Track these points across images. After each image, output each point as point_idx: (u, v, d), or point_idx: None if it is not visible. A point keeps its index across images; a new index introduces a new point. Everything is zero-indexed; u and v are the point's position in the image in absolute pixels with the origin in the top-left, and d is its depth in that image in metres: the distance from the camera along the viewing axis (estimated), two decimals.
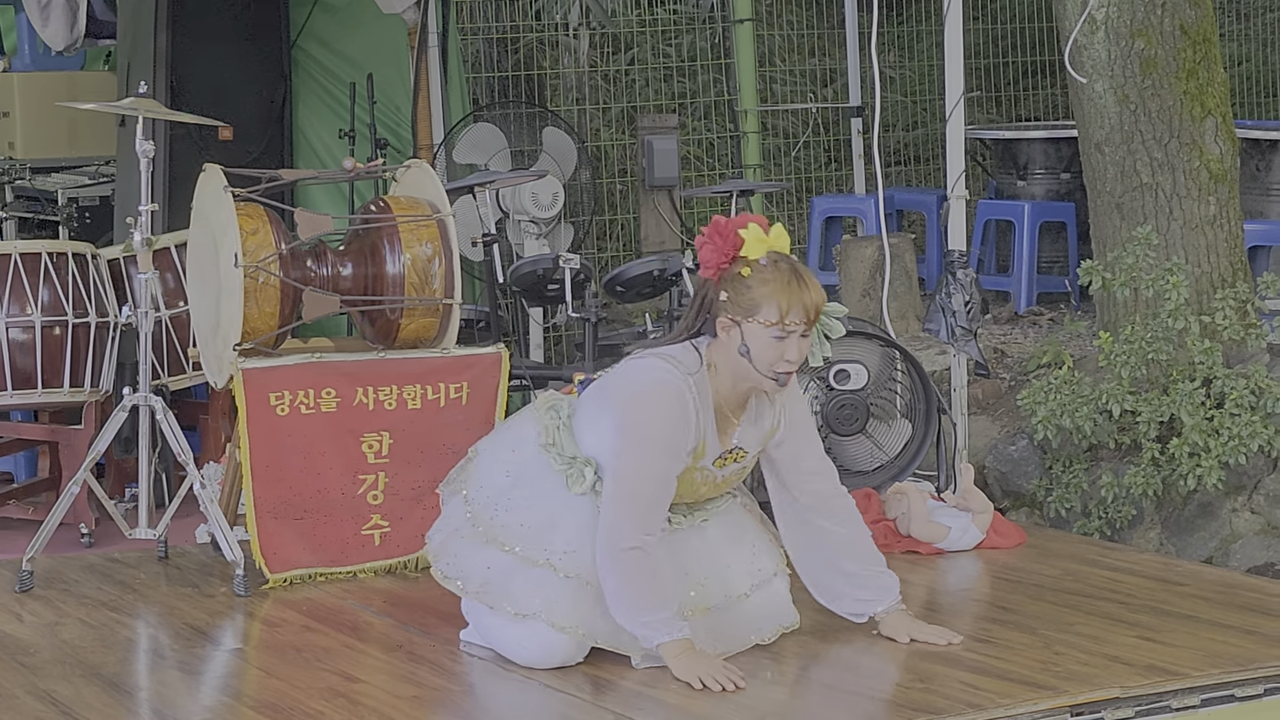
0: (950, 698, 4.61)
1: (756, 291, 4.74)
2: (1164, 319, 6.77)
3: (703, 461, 4.89)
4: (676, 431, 4.78)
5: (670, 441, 4.78)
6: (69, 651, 5.16)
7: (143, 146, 5.99)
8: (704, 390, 4.82)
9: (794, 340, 4.75)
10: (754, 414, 4.95)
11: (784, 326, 4.73)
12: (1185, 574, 5.95)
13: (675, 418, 4.78)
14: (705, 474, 4.93)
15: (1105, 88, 7.41)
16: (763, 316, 4.73)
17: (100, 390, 7.15)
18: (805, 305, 4.73)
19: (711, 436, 4.87)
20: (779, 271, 4.74)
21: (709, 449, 4.88)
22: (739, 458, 4.97)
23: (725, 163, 10.69)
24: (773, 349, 4.76)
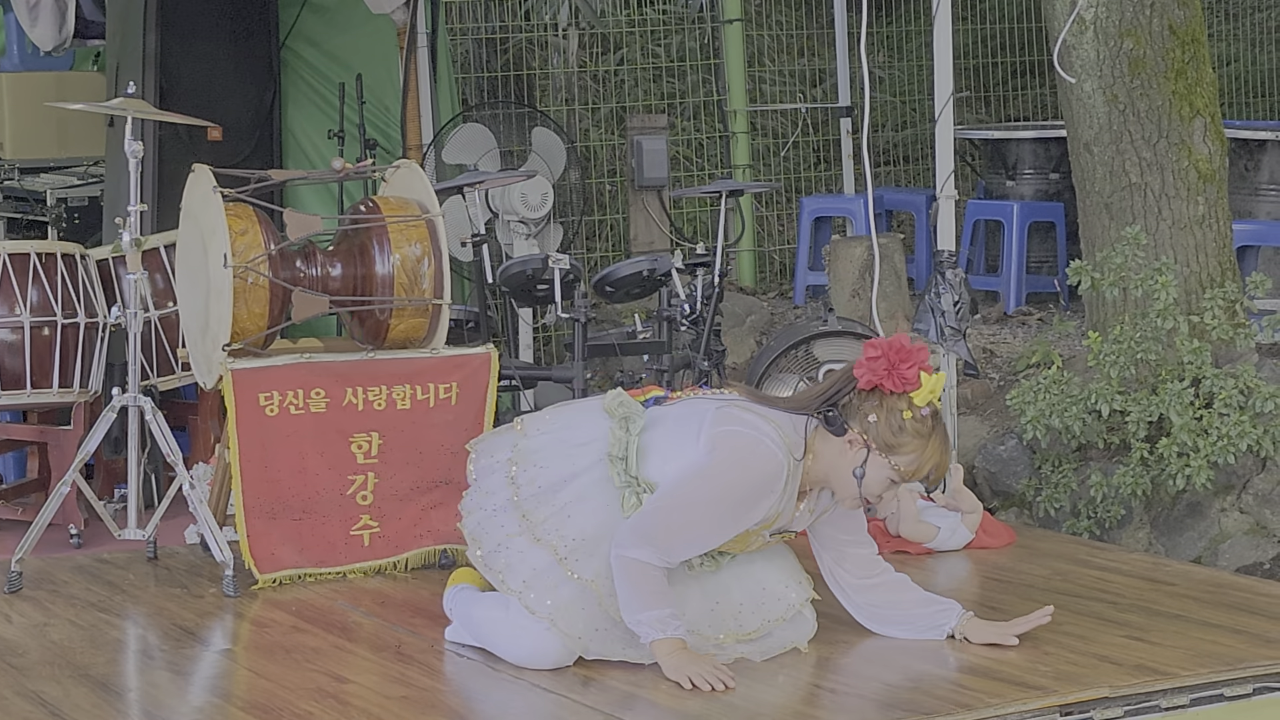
0: (940, 698, 4.61)
1: (909, 440, 4.75)
2: (1153, 319, 6.77)
3: (766, 531, 4.90)
4: (754, 506, 4.78)
5: (742, 512, 4.78)
6: (58, 652, 5.15)
7: (131, 147, 5.98)
8: (795, 473, 4.82)
9: (896, 489, 4.84)
10: (815, 497, 4.96)
11: (909, 476, 4.79)
12: (1174, 574, 5.96)
13: (762, 495, 4.77)
14: (758, 537, 4.94)
15: (1094, 88, 7.42)
16: (901, 463, 4.76)
17: (89, 391, 7.14)
18: (937, 468, 4.80)
19: (786, 514, 4.89)
20: (936, 432, 4.78)
21: (778, 522, 4.90)
22: (792, 534, 5.03)
23: (714, 163, 10.70)
24: (885, 487, 4.81)
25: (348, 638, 5.30)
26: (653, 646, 4.76)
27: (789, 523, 4.93)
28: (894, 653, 5.03)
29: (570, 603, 4.80)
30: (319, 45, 9.16)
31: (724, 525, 4.78)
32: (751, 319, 9.15)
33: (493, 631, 4.95)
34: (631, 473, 4.84)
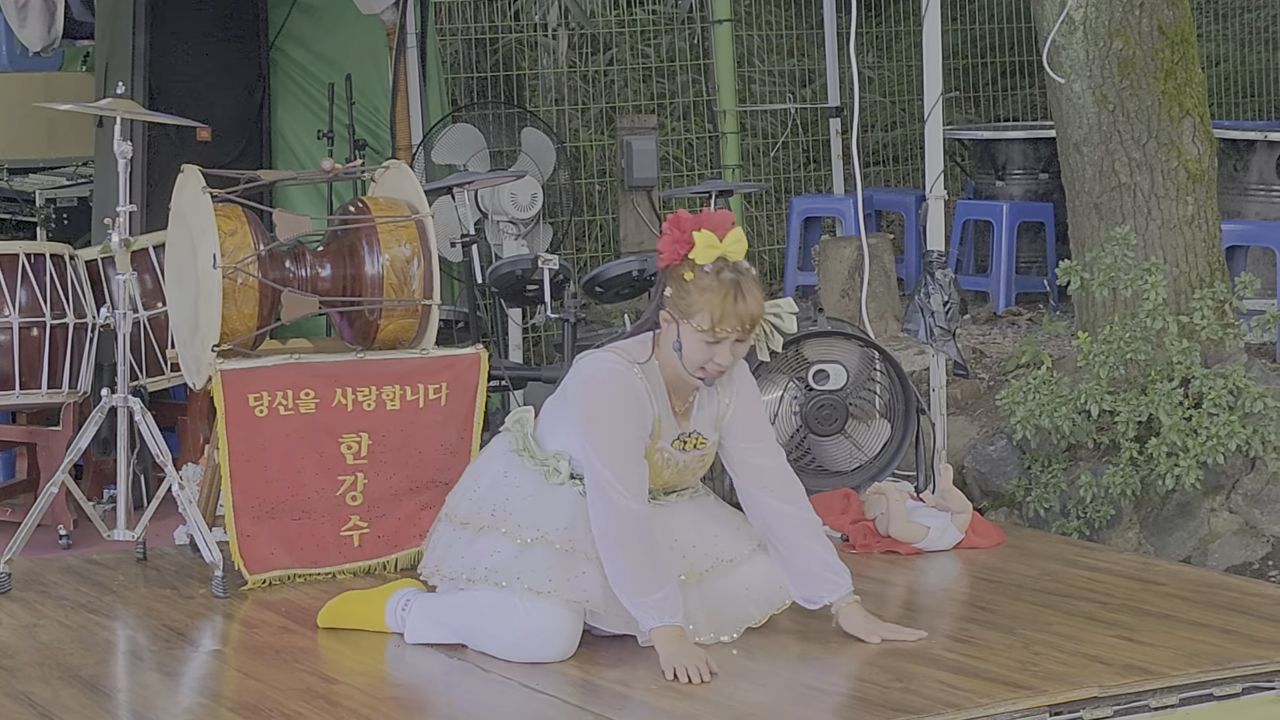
0: (929, 697, 4.61)
1: (694, 297, 4.87)
2: (1142, 319, 6.78)
3: (661, 442, 5.02)
4: (633, 409, 4.94)
5: (630, 416, 4.94)
6: (47, 653, 5.15)
7: (121, 147, 5.97)
8: (654, 376, 4.99)
9: (726, 346, 4.89)
10: (706, 396, 5.08)
11: (714, 334, 4.86)
12: (1164, 574, 5.96)
13: (629, 398, 4.94)
14: (666, 457, 5.06)
15: (1083, 88, 7.42)
16: (696, 322, 4.87)
17: (78, 391, 7.14)
18: (740, 317, 4.85)
19: (667, 418, 5.02)
20: (719, 281, 4.86)
21: (665, 429, 5.02)
22: (699, 443, 5.10)
23: (704, 163, 10.69)
24: (702, 352, 4.90)
25: (337, 638, 5.30)
26: (652, 634, 4.83)
27: (685, 430, 5.05)
28: (884, 653, 5.03)
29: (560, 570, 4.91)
30: (308, 46, 9.15)
31: (633, 434, 4.93)
32: None
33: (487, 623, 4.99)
34: (539, 457, 5.07)
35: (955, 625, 5.48)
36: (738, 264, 4.91)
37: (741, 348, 4.94)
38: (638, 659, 4.93)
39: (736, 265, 4.90)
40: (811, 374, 6.79)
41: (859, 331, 7.12)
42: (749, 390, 5.19)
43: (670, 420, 5.04)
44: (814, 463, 6.87)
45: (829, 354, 6.81)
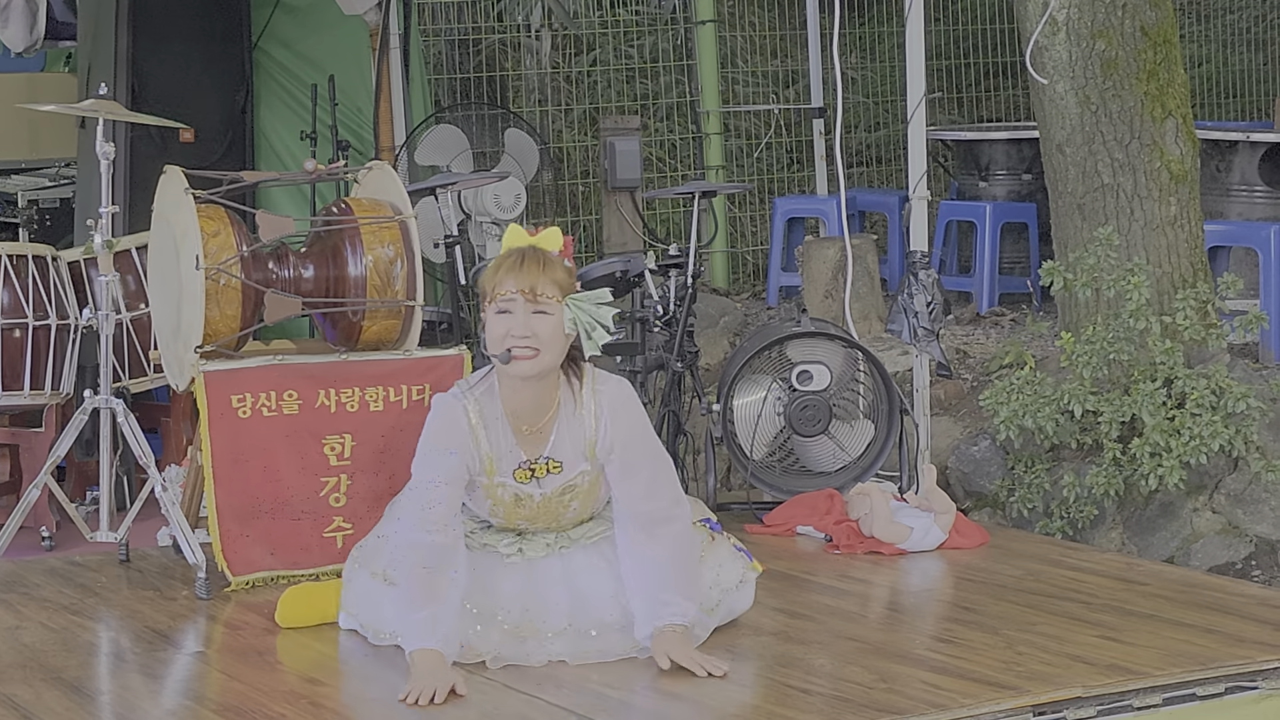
0: (913, 698, 4.62)
1: (481, 278, 4.87)
2: (1125, 319, 6.79)
3: (499, 477, 4.90)
4: (443, 438, 4.88)
5: (438, 446, 4.88)
6: (30, 655, 5.14)
7: (103, 148, 5.96)
8: (489, 401, 4.89)
9: (518, 316, 4.77)
10: (567, 419, 4.92)
11: (498, 301, 4.78)
12: (1147, 573, 5.97)
13: (443, 428, 4.89)
14: (512, 490, 4.93)
15: (1066, 89, 7.43)
16: (486, 300, 4.82)
17: (61, 393, 7.12)
18: (518, 280, 4.76)
19: (503, 447, 4.89)
20: (504, 256, 4.84)
21: (502, 460, 4.89)
22: (553, 469, 4.94)
23: (687, 164, 10.70)
24: (497, 325, 4.80)
25: (320, 640, 5.29)
26: (411, 655, 4.75)
27: (534, 456, 4.90)
28: (867, 653, 5.03)
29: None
30: (291, 47, 9.14)
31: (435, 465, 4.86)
32: (725, 320, 9.15)
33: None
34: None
35: (939, 625, 5.49)
36: (535, 245, 4.85)
37: (542, 321, 4.77)
38: (623, 662, 4.93)
39: (533, 246, 4.85)
40: (795, 374, 6.79)
41: (842, 332, 7.12)
42: (627, 418, 4.96)
43: (510, 448, 4.90)
44: (797, 463, 6.87)
45: (812, 354, 6.81)
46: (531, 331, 4.77)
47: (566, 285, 4.83)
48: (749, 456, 6.79)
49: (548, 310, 4.79)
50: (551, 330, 4.79)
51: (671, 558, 4.92)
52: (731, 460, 7.04)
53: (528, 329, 4.77)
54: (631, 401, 5.00)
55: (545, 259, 4.80)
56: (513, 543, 5.02)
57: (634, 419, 4.98)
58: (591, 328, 4.85)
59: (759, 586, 5.84)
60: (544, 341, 4.79)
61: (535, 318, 4.78)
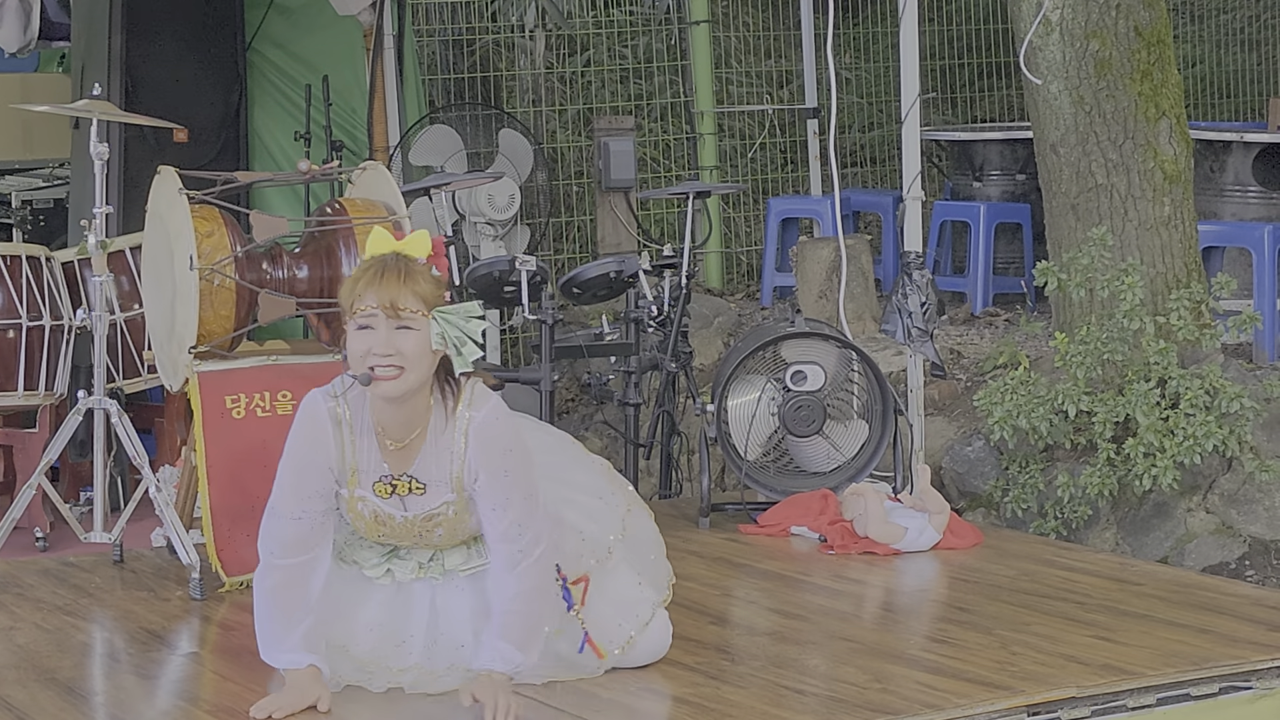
0: (907, 698, 4.62)
1: (340, 291, 4.53)
2: (1119, 320, 6.79)
3: (360, 490, 4.60)
4: (305, 445, 4.59)
5: (299, 455, 4.60)
6: (24, 656, 5.13)
7: (97, 149, 5.96)
8: (359, 407, 4.58)
9: (380, 333, 4.41)
10: (434, 440, 4.58)
11: (358, 317, 4.43)
12: (1141, 574, 5.98)
13: (305, 434, 4.60)
14: (372, 505, 4.63)
15: (1060, 89, 7.43)
16: (346, 315, 4.49)
17: (55, 393, 7.12)
18: (377, 293, 4.40)
19: (367, 457, 4.60)
20: (363, 266, 4.48)
21: (363, 471, 4.60)
22: (415, 489, 4.60)
23: (681, 164, 10.69)
24: (359, 342, 4.44)
25: None
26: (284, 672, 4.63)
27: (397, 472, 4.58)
28: (861, 653, 5.04)
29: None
30: (285, 47, 9.14)
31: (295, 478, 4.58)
32: (719, 320, 9.15)
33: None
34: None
35: (933, 626, 5.49)
36: (400, 253, 4.49)
37: (406, 337, 4.42)
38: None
39: (397, 254, 4.49)
40: (789, 375, 6.79)
41: (836, 332, 7.12)
42: (495, 449, 4.58)
43: (374, 459, 4.59)
44: (792, 463, 6.87)
45: (807, 355, 6.81)
46: (395, 349, 4.42)
47: (433, 297, 4.47)
48: (743, 457, 6.79)
49: (412, 325, 4.44)
50: (416, 347, 4.45)
51: (515, 604, 4.58)
52: (726, 461, 7.04)
53: (390, 346, 4.42)
54: (503, 430, 4.61)
55: (408, 269, 4.44)
56: (380, 563, 4.75)
57: (504, 450, 4.59)
58: (461, 343, 4.51)
59: (754, 587, 5.85)
60: (409, 360, 4.44)
61: (398, 334, 4.43)
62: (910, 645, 5.18)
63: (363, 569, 4.76)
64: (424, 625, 4.72)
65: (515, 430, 4.66)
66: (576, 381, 9.11)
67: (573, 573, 4.77)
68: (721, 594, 5.83)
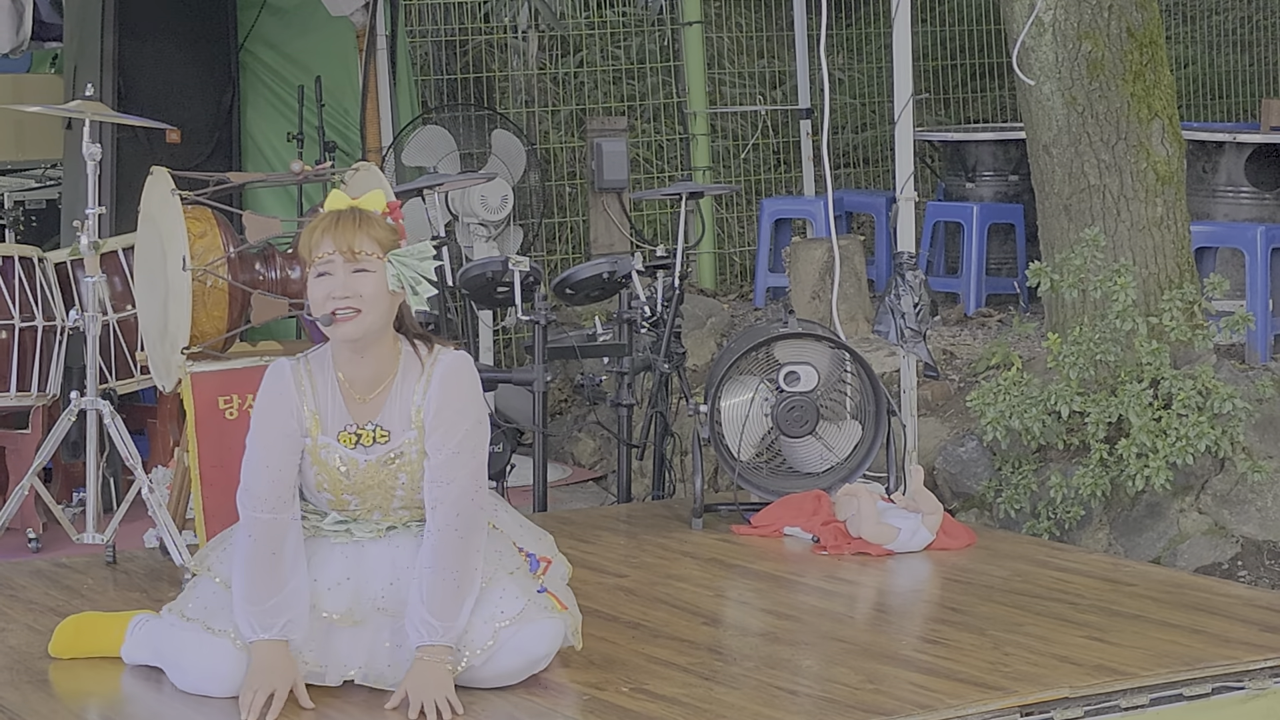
0: (900, 699, 4.62)
1: (300, 243, 4.71)
2: (1112, 320, 6.80)
3: (324, 437, 4.68)
4: (273, 403, 4.70)
5: (267, 412, 4.70)
6: (16, 658, 5.12)
7: (90, 149, 5.96)
8: (322, 363, 4.71)
9: (338, 276, 4.57)
10: (399, 385, 4.71)
11: (317, 264, 4.60)
12: (1133, 574, 5.98)
13: (272, 392, 4.70)
14: (339, 456, 4.69)
15: (1053, 90, 7.44)
16: (306, 265, 4.65)
17: (47, 394, 7.12)
18: (334, 238, 4.57)
19: (333, 406, 4.69)
20: (320, 218, 4.65)
21: (329, 419, 4.69)
22: (380, 438, 4.69)
23: (674, 165, 10.70)
24: (318, 288, 4.60)
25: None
26: (251, 646, 4.62)
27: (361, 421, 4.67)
28: (854, 654, 5.04)
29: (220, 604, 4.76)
30: (278, 48, 9.14)
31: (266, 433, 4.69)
32: (712, 321, 9.16)
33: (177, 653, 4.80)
34: None
35: (926, 626, 5.49)
36: (355, 205, 4.66)
37: (364, 280, 4.56)
38: (610, 663, 4.93)
39: (354, 206, 4.66)
40: (782, 375, 6.79)
41: (829, 333, 7.12)
42: (454, 388, 4.70)
43: (338, 409, 4.69)
44: (785, 464, 6.87)
45: (799, 355, 6.81)
46: (353, 291, 4.57)
47: (388, 242, 4.63)
48: (736, 457, 6.79)
49: (368, 268, 4.58)
50: (374, 288, 4.59)
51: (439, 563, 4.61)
52: (719, 461, 7.04)
53: (348, 289, 4.57)
54: (464, 374, 4.72)
55: (363, 217, 4.61)
56: (340, 522, 4.79)
57: (461, 391, 4.71)
58: (416, 282, 4.64)
59: (747, 588, 5.85)
60: (367, 301, 4.58)
61: (356, 277, 4.57)
62: (903, 646, 5.18)
63: (321, 529, 4.79)
64: (387, 571, 4.73)
65: (475, 380, 4.76)
66: (570, 382, 9.11)
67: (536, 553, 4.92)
68: (714, 595, 5.83)
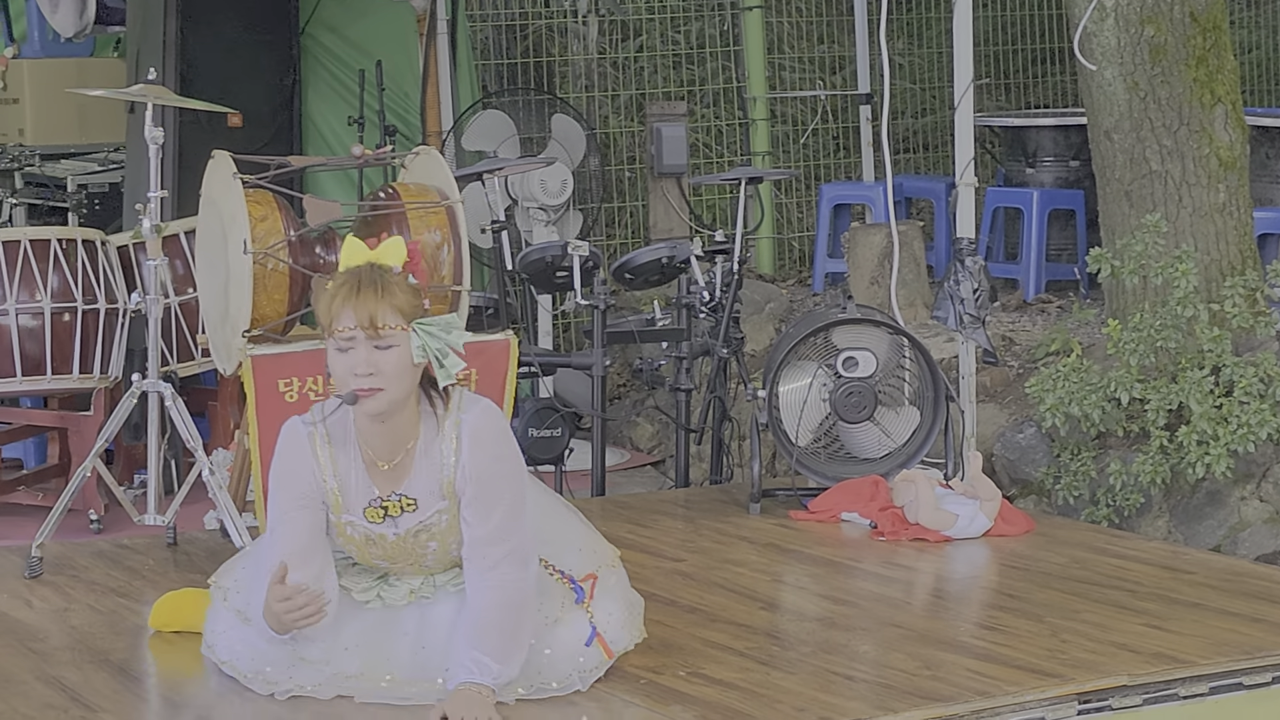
0: (957, 685, 4.61)
1: (317, 306, 4.40)
2: (1173, 307, 6.77)
3: (347, 516, 4.52)
4: (287, 467, 4.52)
5: (282, 477, 4.52)
6: (78, 637, 5.17)
7: (152, 133, 5.99)
8: (341, 431, 4.50)
9: (359, 352, 4.33)
10: (425, 452, 4.48)
11: (336, 336, 4.34)
12: (1193, 562, 5.95)
13: (285, 456, 4.52)
14: (362, 530, 4.53)
15: (1114, 75, 7.40)
16: (325, 332, 4.38)
17: (109, 377, 7.16)
18: (355, 310, 4.31)
19: (353, 481, 4.51)
20: (338, 282, 4.37)
21: (351, 495, 4.51)
22: (407, 507, 4.50)
23: (734, 150, 10.69)
24: (340, 363, 4.37)
25: None
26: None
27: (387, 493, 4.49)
28: (911, 640, 5.03)
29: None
30: (339, 32, 9.16)
31: (282, 500, 4.51)
32: (770, 306, 9.15)
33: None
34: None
35: (984, 613, 5.48)
36: (375, 264, 4.39)
37: (386, 356, 4.33)
38: (667, 648, 4.94)
39: (372, 265, 4.39)
40: (841, 361, 6.78)
41: (888, 319, 7.11)
42: (490, 449, 4.48)
43: (361, 484, 4.50)
44: (843, 450, 6.86)
45: (858, 341, 6.81)
46: (376, 368, 4.34)
47: (411, 309, 4.38)
48: (794, 443, 6.79)
49: (393, 343, 4.34)
50: (397, 364, 4.35)
51: (494, 612, 4.43)
52: (777, 446, 7.04)
53: (370, 365, 4.33)
54: (496, 431, 4.51)
55: (384, 283, 4.34)
56: (370, 587, 4.63)
57: (497, 451, 4.50)
58: (444, 354, 4.40)
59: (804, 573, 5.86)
60: (390, 378, 4.35)
61: (378, 353, 4.33)
62: (960, 632, 5.18)
63: (351, 594, 4.63)
64: (409, 645, 4.57)
65: (507, 430, 4.58)
66: (628, 367, 9.12)
67: (580, 571, 4.70)
68: (771, 579, 5.84)
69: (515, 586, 4.45)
